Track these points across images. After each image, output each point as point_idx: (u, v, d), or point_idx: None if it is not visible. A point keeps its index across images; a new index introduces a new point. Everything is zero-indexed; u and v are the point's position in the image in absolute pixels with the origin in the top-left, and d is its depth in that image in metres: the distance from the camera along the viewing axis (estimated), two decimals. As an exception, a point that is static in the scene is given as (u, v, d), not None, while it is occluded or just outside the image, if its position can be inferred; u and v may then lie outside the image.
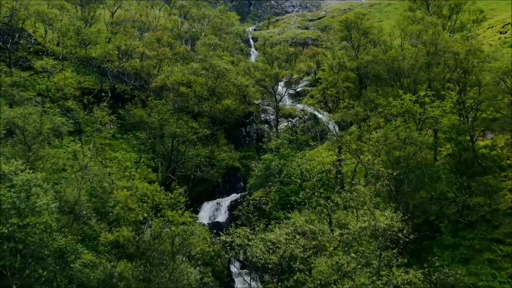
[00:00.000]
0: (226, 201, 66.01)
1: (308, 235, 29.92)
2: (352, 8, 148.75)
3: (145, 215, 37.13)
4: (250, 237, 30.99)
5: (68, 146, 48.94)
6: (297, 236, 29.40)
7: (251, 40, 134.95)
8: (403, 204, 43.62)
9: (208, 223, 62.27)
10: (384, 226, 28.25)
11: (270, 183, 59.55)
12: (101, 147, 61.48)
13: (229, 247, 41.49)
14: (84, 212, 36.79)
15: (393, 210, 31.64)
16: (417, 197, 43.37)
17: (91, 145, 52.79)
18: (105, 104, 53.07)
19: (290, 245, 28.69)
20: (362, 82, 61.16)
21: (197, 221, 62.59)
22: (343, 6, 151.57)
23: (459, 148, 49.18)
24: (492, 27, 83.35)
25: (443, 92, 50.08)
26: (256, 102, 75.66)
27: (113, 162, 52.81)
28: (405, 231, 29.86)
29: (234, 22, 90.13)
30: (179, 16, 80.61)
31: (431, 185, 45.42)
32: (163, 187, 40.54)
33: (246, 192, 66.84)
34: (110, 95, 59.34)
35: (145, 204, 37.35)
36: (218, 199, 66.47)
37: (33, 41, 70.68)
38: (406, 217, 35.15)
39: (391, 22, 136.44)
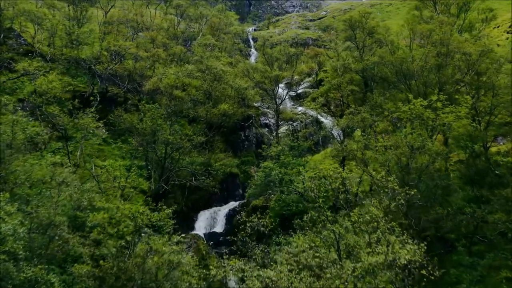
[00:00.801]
0: (224, 210, 61.06)
1: (314, 268, 24.96)
2: (353, 8, 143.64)
3: (128, 238, 31.94)
4: (245, 273, 25.85)
5: (52, 156, 43.97)
6: (302, 273, 24.34)
7: (251, 40, 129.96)
8: (415, 220, 38.69)
9: (204, 234, 57.42)
10: (405, 261, 23.28)
11: (270, 191, 54.58)
12: (91, 154, 56.49)
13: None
14: (62, 234, 31.69)
15: (410, 236, 26.56)
16: (432, 213, 38.25)
17: (79, 153, 47.69)
18: (92, 110, 47.88)
19: (293, 285, 23.66)
20: (367, 84, 56.05)
21: (193, 232, 58.32)
22: (344, 6, 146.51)
23: (473, 156, 44.11)
24: (498, 27, 78.53)
25: (456, 96, 45.11)
26: (255, 104, 70.57)
27: (102, 171, 47.88)
28: (430, 268, 24.73)
29: (232, 22, 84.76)
30: (176, 16, 75.47)
31: (445, 198, 40.40)
32: (147, 208, 35.09)
33: (244, 200, 61.91)
34: (98, 99, 54.16)
35: (125, 229, 32.13)
36: (215, 208, 61.52)
37: (22, 41, 65.64)
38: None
39: (393, 22, 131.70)
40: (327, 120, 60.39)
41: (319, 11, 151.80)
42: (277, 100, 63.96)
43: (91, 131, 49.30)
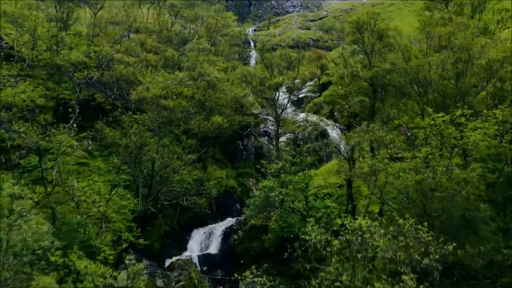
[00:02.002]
0: (219, 228, 53.74)
1: None
2: (354, 8, 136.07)
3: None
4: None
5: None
6: None
7: (251, 41, 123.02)
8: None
9: (198, 255, 50.26)
10: None
11: (269, 209, 47.52)
12: (73, 169, 49.20)
13: None
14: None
15: None
16: (460, 253, 30.84)
17: (55, 172, 40.39)
18: (65, 125, 40.56)
19: None
20: (376, 92, 48.49)
21: (186, 254, 51.13)
22: (345, 6, 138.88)
23: (503, 180, 36.68)
24: (508, 28, 71.17)
25: (485, 111, 37.83)
26: (254, 112, 63.15)
27: (80, 193, 40.62)
28: None
29: (230, 23, 76.94)
30: (170, 17, 67.90)
31: (475, 233, 33.13)
32: (111, 270, 27.56)
33: (242, 217, 54.70)
34: (77, 111, 46.82)
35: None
36: (210, 226, 54.24)
37: (4, 44, 58.20)
38: None
39: (395, 22, 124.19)
40: (333, 133, 52.85)
41: (319, 11, 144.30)
42: (277, 109, 56.44)
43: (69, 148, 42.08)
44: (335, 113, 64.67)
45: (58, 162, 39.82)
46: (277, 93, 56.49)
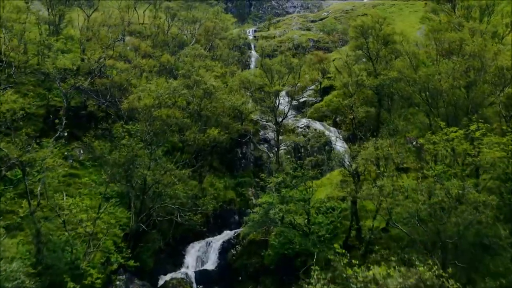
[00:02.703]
0: (217, 242, 50.08)
1: None
2: (355, 9, 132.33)
3: None
4: None
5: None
6: None
7: (251, 42, 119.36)
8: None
9: (194, 272, 46.77)
10: None
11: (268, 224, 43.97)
12: (62, 182, 45.67)
13: None
14: None
15: None
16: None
17: (39, 188, 36.82)
18: (49, 140, 36.97)
19: None
20: (382, 100, 44.78)
21: (181, 270, 47.64)
22: (346, 7, 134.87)
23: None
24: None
25: (497, 124, 34.25)
26: (253, 118, 59.46)
27: (65, 212, 37.01)
28: None
29: (229, 26, 72.92)
30: (166, 19, 64.06)
31: (493, 259, 29.58)
32: None
33: (240, 229, 51.19)
34: (64, 122, 43.11)
35: None
36: (207, 239, 50.59)
37: (-8, 49, 54.57)
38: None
39: (396, 23, 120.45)
40: (338, 146, 49.11)
41: (320, 11, 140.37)
42: (277, 118, 52.78)
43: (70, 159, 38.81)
44: (338, 120, 60.99)
45: (43, 178, 36.17)
46: (277, 101, 52.76)
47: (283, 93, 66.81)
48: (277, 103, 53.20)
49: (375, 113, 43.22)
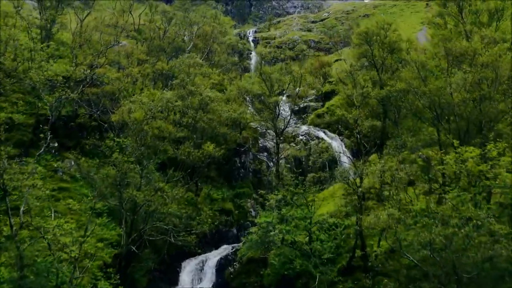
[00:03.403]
0: (213, 258, 46.72)
1: None
2: (356, 10, 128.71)
3: None
4: None
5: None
6: None
7: (251, 43, 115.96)
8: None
9: (189, 292, 43.68)
10: None
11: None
12: (51, 196, 42.38)
13: None
14: None
15: None
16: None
17: (22, 209, 33.48)
18: (31, 160, 33.60)
19: None
20: (387, 111, 41.31)
21: (176, 288, 44.41)
22: (346, 7, 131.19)
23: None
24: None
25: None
26: (253, 125, 56.02)
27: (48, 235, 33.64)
28: None
29: (227, 30, 69.02)
30: (162, 23, 60.39)
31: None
32: None
33: (239, 244, 47.99)
34: (49, 136, 39.75)
35: None
36: (203, 255, 47.22)
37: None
38: None
39: (397, 24, 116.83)
40: (343, 162, 45.65)
41: (321, 12, 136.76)
42: (277, 130, 49.40)
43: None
44: (341, 131, 57.21)
45: (25, 201, 32.86)
46: (277, 111, 49.37)
47: (283, 97, 63.54)
48: (277, 113, 49.74)
49: (380, 125, 39.76)
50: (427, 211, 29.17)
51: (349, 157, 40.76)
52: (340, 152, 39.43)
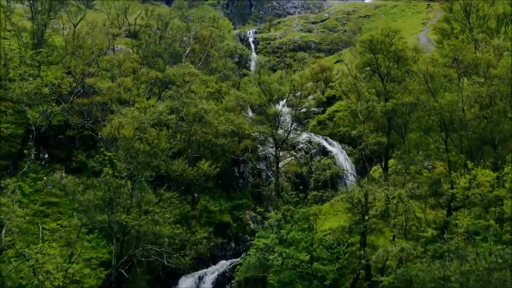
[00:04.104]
0: (210, 275, 43.87)
1: None
2: (356, 10, 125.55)
3: None
4: None
5: None
6: None
7: (251, 44, 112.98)
8: None
9: (186, 311, 40.82)
10: None
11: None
12: (39, 213, 39.53)
13: None
14: None
15: None
16: None
17: (3, 233, 30.57)
18: (10, 182, 30.59)
19: None
20: (393, 126, 38.20)
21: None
22: (347, 8, 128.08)
23: None
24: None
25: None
26: (252, 134, 52.89)
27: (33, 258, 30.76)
28: None
29: (226, 34, 65.63)
30: (158, 28, 57.13)
31: None
32: None
33: (238, 260, 45.12)
34: (34, 153, 36.82)
35: None
36: (200, 271, 44.29)
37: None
38: None
39: (398, 25, 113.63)
40: (350, 179, 42.64)
41: (321, 13, 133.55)
42: (278, 143, 46.41)
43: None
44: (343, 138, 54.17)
45: (5, 227, 29.95)
46: (277, 122, 46.37)
47: (283, 108, 60.52)
48: (277, 125, 46.75)
49: (386, 140, 36.69)
50: (441, 245, 26.24)
51: (353, 174, 37.66)
52: (344, 170, 36.34)
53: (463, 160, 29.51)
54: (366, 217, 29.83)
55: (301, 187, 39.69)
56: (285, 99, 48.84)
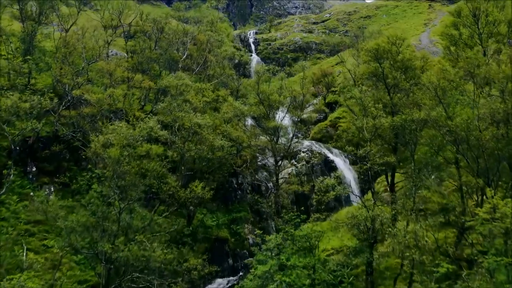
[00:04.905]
0: (207, 294, 40.89)
1: None
2: (358, 11, 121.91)
3: None
4: None
5: None
6: None
7: (252, 45, 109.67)
8: None
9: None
10: None
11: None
12: (24, 232, 36.26)
13: None
14: None
15: None
16: None
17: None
18: None
19: None
20: (399, 137, 34.79)
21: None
22: (348, 9, 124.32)
23: None
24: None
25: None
26: (251, 144, 49.51)
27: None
28: None
29: (224, 39, 61.82)
30: (153, 33, 53.46)
31: None
32: None
33: (235, 279, 42.05)
34: (12, 175, 33.47)
35: None
36: (195, 291, 41.16)
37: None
38: None
39: (400, 25, 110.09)
40: (356, 200, 39.16)
41: (322, 13, 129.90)
42: (277, 156, 43.06)
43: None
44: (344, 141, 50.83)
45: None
46: (277, 137, 43.02)
47: (282, 107, 57.13)
48: (276, 139, 43.41)
49: (394, 160, 33.29)
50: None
51: (358, 196, 34.29)
52: (349, 190, 32.97)
53: (480, 185, 26.12)
54: (375, 254, 26.43)
55: (302, 208, 36.24)
56: (286, 110, 45.31)
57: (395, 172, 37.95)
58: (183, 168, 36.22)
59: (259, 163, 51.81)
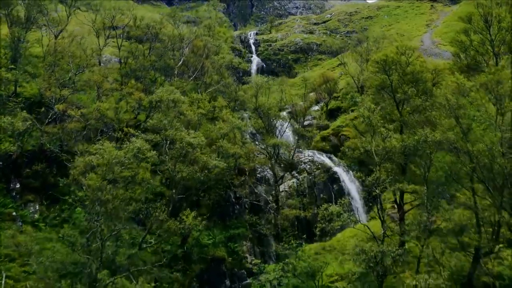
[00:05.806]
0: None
1: None
2: (359, 11, 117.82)
3: None
4: None
5: None
6: None
7: (252, 46, 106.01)
8: None
9: None
10: None
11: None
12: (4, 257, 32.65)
13: None
14: None
15: None
16: None
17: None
18: None
19: None
20: (409, 158, 31.04)
21: None
22: (349, 9, 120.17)
23: None
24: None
25: None
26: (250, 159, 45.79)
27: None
28: None
29: (222, 44, 57.70)
30: (147, 39, 49.62)
31: None
32: None
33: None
34: None
35: None
36: (191, 320, 37.60)
37: None
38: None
39: (401, 26, 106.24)
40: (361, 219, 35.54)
41: (323, 13, 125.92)
42: (277, 176, 39.39)
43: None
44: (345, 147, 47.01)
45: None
46: (277, 153, 39.31)
47: (284, 113, 53.43)
48: (275, 157, 39.72)
49: (406, 186, 29.58)
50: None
51: (366, 225, 30.52)
52: (355, 221, 29.22)
53: (506, 219, 22.42)
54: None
55: (304, 236, 32.56)
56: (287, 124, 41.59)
57: (403, 192, 34.25)
58: (173, 191, 32.49)
59: (258, 175, 48.14)
